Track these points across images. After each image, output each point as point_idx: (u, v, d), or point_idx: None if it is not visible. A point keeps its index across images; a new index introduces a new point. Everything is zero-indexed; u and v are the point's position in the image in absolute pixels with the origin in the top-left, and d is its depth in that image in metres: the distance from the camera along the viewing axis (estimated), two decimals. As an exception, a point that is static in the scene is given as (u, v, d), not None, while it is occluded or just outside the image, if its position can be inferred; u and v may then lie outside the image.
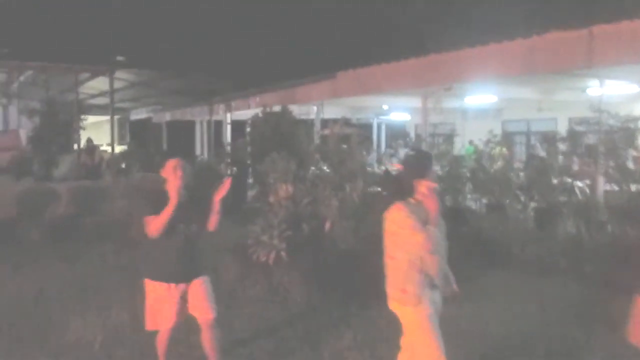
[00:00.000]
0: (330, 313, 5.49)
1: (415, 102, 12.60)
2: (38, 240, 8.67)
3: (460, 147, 13.05)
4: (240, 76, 13.11)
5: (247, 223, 6.64)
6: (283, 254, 6.08)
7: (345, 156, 7.77)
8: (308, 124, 11.61)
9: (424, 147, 10.41)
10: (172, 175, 3.82)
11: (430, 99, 11.47)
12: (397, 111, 17.77)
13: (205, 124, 18.74)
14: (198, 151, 19.74)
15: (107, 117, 18.72)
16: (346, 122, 10.75)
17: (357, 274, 5.68)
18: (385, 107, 16.32)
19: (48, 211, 9.44)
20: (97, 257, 7.87)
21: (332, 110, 14.71)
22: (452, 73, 9.03)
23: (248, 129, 10.80)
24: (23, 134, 15.77)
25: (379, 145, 20.10)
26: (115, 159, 13.85)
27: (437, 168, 10.10)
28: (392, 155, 16.20)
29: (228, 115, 16.04)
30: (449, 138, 12.81)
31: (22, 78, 18.07)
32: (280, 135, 8.99)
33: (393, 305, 3.26)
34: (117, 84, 15.85)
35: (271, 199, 6.68)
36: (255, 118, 10.41)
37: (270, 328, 5.17)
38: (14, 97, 19.89)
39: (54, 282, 6.72)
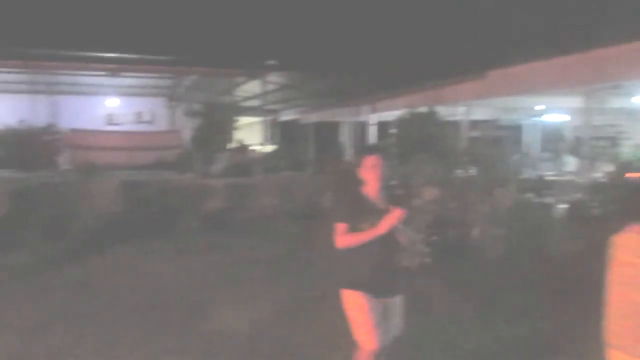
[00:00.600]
0: (474, 326, 5.16)
1: (574, 102, 11.55)
2: (195, 231, 9.36)
3: (629, 151, 11.72)
4: (386, 76, 13.07)
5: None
6: (428, 259, 5.87)
7: (495, 160, 7.34)
8: (455, 125, 11.20)
9: (586, 151, 9.50)
10: (371, 175, 3.31)
11: (593, 98, 10.44)
12: (552, 112, 16.48)
13: (350, 125, 19.00)
14: (343, 152, 20.06)
15: (259, 119, 19.80)
16: (496, 123, 10.19)
17: (507, 286, 5.31)
18: (539, 107, 15.21)
19: (205, 205, 10.17)
20: (247, 250, 8.31)
21: (481, 111, 14.05)
22: (619, 69, 8.11)
23: (393, 130, 10.72)
24: (185, 134, 17.29)
25: (531, 149, 18.81)
26: (264, 158, 14.54)
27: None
28: (548, 160, 15.01)
29: (373, 116, 16.08)
30: (614, 141, 11.58)
31: (186, 82, 19.88)
32: (426, 137, 8.78)
33: (618, 357, 2.53)
34: (269, 87, 16.71)
35: (416, 202, 6.50)
36: (400, 119, 10.29)
37: (408, 337, 4.98)
38: (180, 100, 21.91)
39: (206, 271, 7.20)
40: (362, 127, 17.25)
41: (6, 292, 6.26)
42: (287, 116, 24.03)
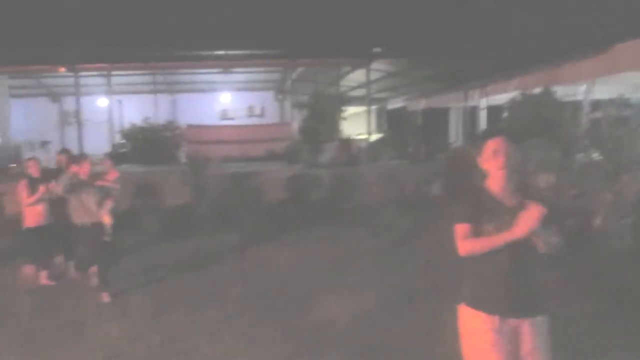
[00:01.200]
0: (596, 324, 4.71)
1: None
2: (302, 221, 9.53)
3: None
4: (498, 58, 12.40)
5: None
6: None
7: (622, 142, 6.67)
8: (575, 106, 10.36)
9: None
10: (492, 163, 2.71)
11: None
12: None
13: (459, 111, 18.34)
14: (452, 138, 19.45)
15: (366, 108, 19.72)
16: (624, 102, 9.26)
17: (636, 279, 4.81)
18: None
19: (313, 194, 10.33)
20: (352, 240, 8.32)
21: (605, 89, 12.86)
22: None
23: (505, 114, 10.16)
24: (294, 126, 17.69)
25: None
26: (370, 147, 14.44)
27: None
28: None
29: (483, 100, 15.38)
30: None
31: (294, 75, 20.33)
32: (541, 120, 8.21)
33: None
34: (375, 75, 16.56)
35: (529, 190, 6.08)
36: (512, 102, 9.72)
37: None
38: (288, 92, 22.47)
39: (311, 260, 7.31)
40: (472, 113, 16.57)
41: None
42: (394, 104, 23.75)
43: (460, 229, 2.70)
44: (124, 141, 16.63)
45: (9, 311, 5.66)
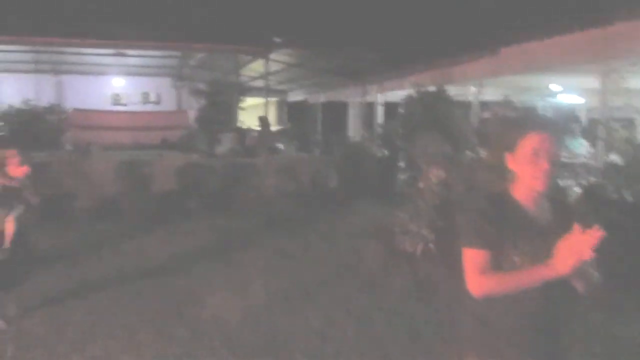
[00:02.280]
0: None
1: (590, 82, 11.07)
2: (190, 212, 9.16)
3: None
4: (394, 54, 12.64)
5: (395, 209, 6.24)
6: (431, 245, 5.56)
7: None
8: (465, 105, 10.80)
9: (600, 133, 9.06)
10: (531, 166, 1.88)
11: (611, 77, 9.96)
12: (565, 93, 15.95)
13: (357, 106, 18.60)
14: (350, 133, 19.72)
15: (267, 99, 19.45)
16: (509, 104, 9.78)
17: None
18: (554, 87, 14.71)
19: (205, 184, 9.93)
20: (239, 232, 8.13)
21: (492, 92, 13.60)
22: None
23: (400, 110, 10.35)
24: (191, 114, 17.07)
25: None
26: (268, 138, 14.25)
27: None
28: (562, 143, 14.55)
29: (380, 96, 15.67)
30: (632, 124, 11.07)
31: (193, 62, 19.55)
32: (434, 117, 8.42)
33: None
34: (275, 66, 16.31)
35: (421, 184, 6.16)
36: (408, 99, 9.91)
37: (409, 326, 4.68)
38: (186, 79, 21.62)
39: (194, 253, 7.02)
40: (370, 108, 16.86)
41: None
42: (295, 97, 23.68)
43: (475, 257, 1.87)
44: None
45: None
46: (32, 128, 14.23)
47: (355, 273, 5.39)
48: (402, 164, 10.87)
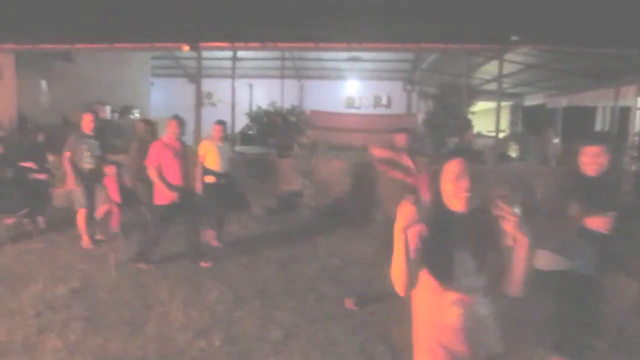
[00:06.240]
0: None
1: None
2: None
3: None
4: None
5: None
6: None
7: None
8: None
9: None
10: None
11: None
12: None
13: (608, 110, 16.32)
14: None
15: (501, 103, 18.30)
16: None
17: None
18: None
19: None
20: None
21: None
22: None
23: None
24: (420, 117, 16.96)
25: None
26: (497, 145, 13.34)
27: None
28: None
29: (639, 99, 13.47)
30: None
31: (424, 65, 19.43)
32: None
33: None
34: (510, 67, 15.20)
35: None
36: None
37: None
38: (416, 83, 21.65)
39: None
40: (624, 113, 14.63)
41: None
42: (532, 100, 21.92)
43: None
44: (250, 124, 17.14)
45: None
46: (274, 128, 15.71)
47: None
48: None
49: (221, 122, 7.18)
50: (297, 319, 4.75)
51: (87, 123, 6.96)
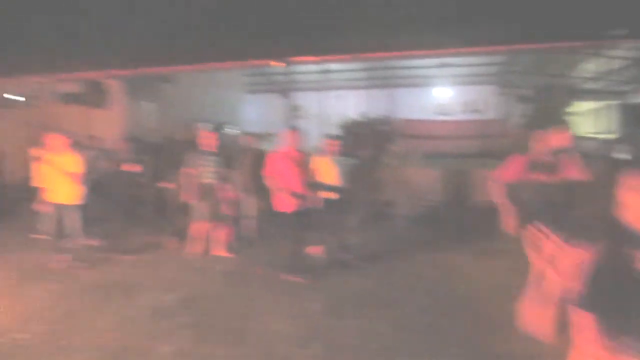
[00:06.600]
0: None
1: None
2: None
3: None
4: None
5: None
6: None
7: None
8: None
9: None
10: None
11: None
12: None
13: None
14: None
15: (603, 103, 17.24)
16: None
17: None
18: None
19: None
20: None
21: None
22: None
23: None
24: (513, 121, 16.36)
25: None
26: (597, 148, 12.50)
27: None
28: None
29: None
30: None
31: (516, 68, 18.67)
32: None
33: None
34: (615, 64, 14.26)
35: None
36: None
37: None
38: (510, 86, 20.82)
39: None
40: None
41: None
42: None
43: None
44: (341, 134, 17.30)
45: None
46: (365, 138, 15.73)
47: None
48: None
49: (335, 137, 7.13)
50: (396, 330, 4.71)
51: (207, 140, 7.23)
